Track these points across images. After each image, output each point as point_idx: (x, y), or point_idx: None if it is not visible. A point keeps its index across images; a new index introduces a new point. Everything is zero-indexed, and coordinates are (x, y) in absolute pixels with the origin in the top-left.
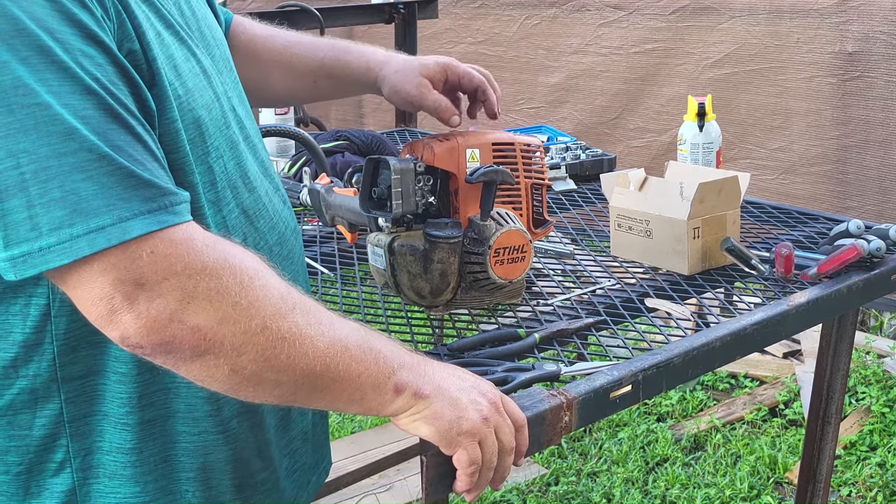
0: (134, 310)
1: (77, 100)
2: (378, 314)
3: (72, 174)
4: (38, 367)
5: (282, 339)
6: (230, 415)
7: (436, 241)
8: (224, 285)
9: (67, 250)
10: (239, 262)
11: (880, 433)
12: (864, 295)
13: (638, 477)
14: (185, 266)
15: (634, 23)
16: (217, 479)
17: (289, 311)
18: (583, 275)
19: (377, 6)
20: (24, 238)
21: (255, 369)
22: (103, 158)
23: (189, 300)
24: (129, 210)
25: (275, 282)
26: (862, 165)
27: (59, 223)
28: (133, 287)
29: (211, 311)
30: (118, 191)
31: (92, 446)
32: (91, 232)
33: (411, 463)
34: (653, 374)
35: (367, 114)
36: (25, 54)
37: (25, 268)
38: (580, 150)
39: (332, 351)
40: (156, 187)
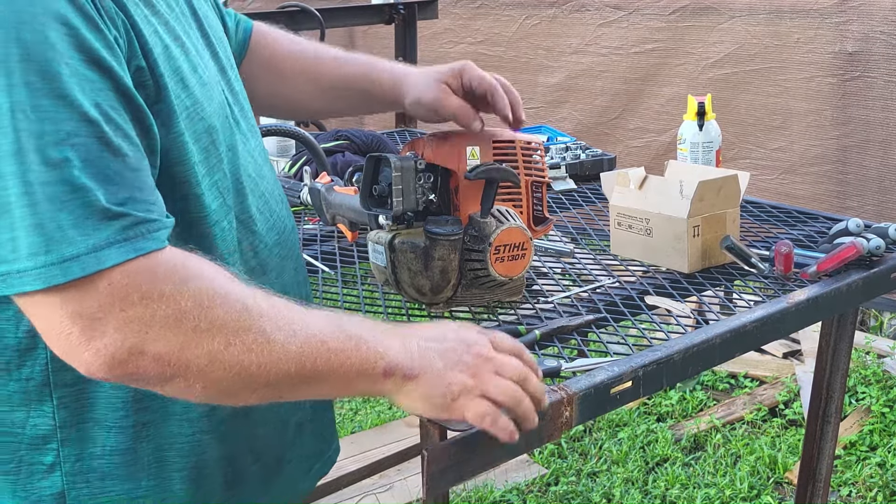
0: (91, 346)
1: (73, 126)
2: (379, 312)
3: (53, 202)
4: (31, 371)
5: (248, 351)
6: (224, 416)
7: (436, 239)
8: (182, 310)
9: (42, 276)
10: (199, 284)
11: (880, 433)
12: (864, 293)
13: (638, 477)
14: (142, 296)
15: (634, 23)
16: (208, 476)
17: (253, 321)
18: (583, 273)
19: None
20: (4, 259)
21: (228, 384)
22: (81, 189)
23: (147, 330)
24: (105, 240)
25: (237, 294)
26: (862, 165)
27: (37, 249)
28: (89, 321)
29: (171, 337)
30: (93, 221)
31: (83, 452)
32: (66, 260)
33: (411, 463)
34: (653, 371)
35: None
36: (30, 79)
37: (4, 287)
38: (580, 149)
39: (308, 350)
40: (131, 217)
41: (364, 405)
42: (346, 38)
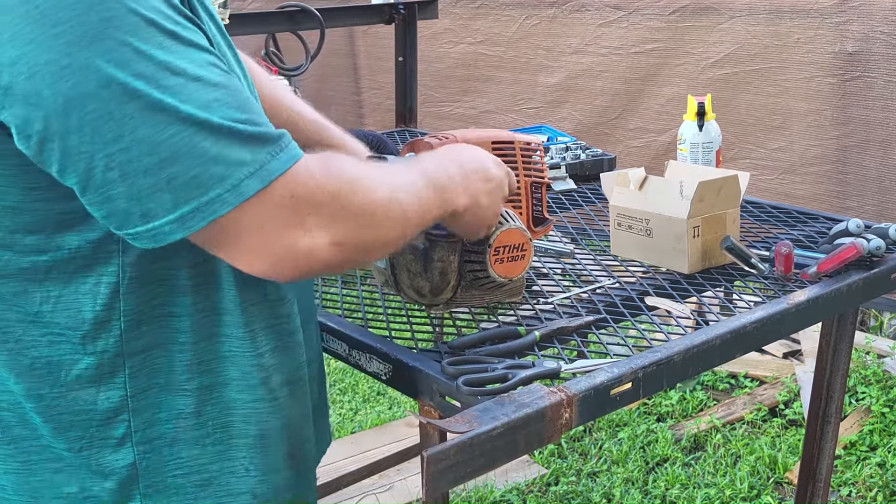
0: (298, 251)
1: (209, 71)
2: (379, 313)
3: (219, 137)
4: (106, 344)
5: (394, 214)
6: (278, 383)
7: (436, 240)
8: (349, 199)
9: (229, 198)
10: (344, 172)
11: (880, 433)
12: (864, 294)
13: (638, 477)
14: (314, 195)
15: (634, 23)
16: (272, 446)
17: (392, 190)
18: (583, 274)
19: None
20: (189, 197)
21: (391, 239)
22: (236, 122)
23: (334, 223)
24: (267, 155)
25: (373, 172)
26: (862, 165)
27: (220, 176)
28: (286, 229)
29: (351, 221)
30: (252, 143)
31: (152, 418)
32: (246, 178)
33: (411, 463)
34: (653, 372)
35: (367, 114)
36: (160, 39)
37: (193, 222)
38: (580, 150)
39: (421, 205)
40: (272, 133)
41: (364, 405)
42: (347, 37)
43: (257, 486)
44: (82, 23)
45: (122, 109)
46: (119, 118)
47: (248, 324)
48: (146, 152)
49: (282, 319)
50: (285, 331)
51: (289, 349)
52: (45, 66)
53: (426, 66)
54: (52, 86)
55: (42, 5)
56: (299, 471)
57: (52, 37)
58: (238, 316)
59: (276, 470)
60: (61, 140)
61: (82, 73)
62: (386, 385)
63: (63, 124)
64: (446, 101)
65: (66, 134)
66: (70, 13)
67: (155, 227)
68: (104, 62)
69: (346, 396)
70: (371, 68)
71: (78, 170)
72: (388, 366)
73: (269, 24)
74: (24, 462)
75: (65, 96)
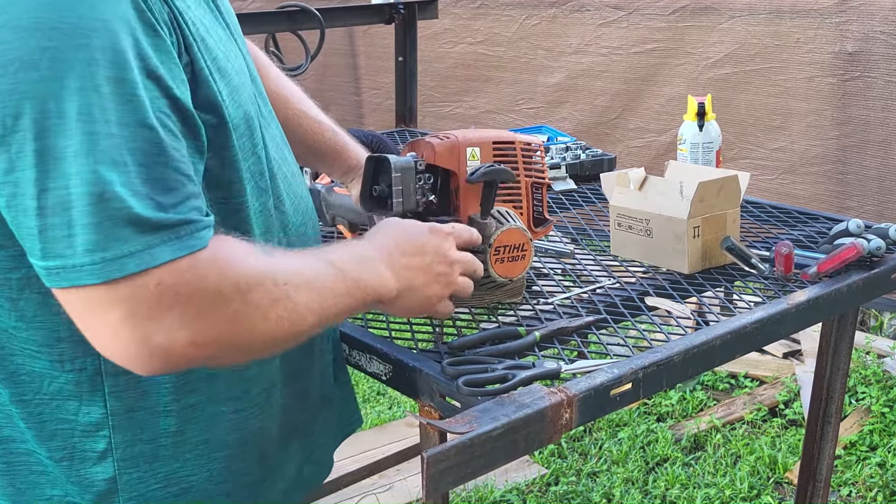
0: (147, 345)
1: (133, 132)
2: (378, 313)
3: (111, 203)
4: (84, 362)
5: (281, 319)
6: (258, 391)
7: None
8: (226, 299)
9: (98, 272)
10: (235, 270)
11: (880, 433)
12: (864, 294)
13: (638, 477)
14: (190, 292)
15: (634, 23)
16: (247, 450)
17: (281, 291)
18: (583, 274)
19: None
20: (60, 254)
21: (270, 346)
22: (137, 194)
23: (197, 322)
24: (158, 239)
25: (266, 270)
26: (862, 165)
27: (94, 246)
28: (142, 321)
29: (220, 324)
30: (147, 223)
31: (134, 438)
32: (122, 257)
33: (411, 463)
34: (653, 372)
35: (367, 114)
36: (98, 83)
37: (58, 280)
38: (580, 150)
39: (323, 303)
40: (180, 218)
41: (364, 405)
42: (347, 37)
43: (233, 489)
44: (20, 47)
45: (19, 144)
46: (14, 151)
47: None
48: (28, 195)
49: None
50: None
51: (263, 360)
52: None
53: (426, 66)
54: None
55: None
56: (268, 466)
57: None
58: None
59: (249, 473)
60: None
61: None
62: (386, 385)
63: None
64: (446, 101)
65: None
66: (12, 35)
67: (37, 266)
68: (26, 92)
69: None
70: (371, 68)
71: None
72: (388, 366)
73: (269, 24)
74: (9, 463)
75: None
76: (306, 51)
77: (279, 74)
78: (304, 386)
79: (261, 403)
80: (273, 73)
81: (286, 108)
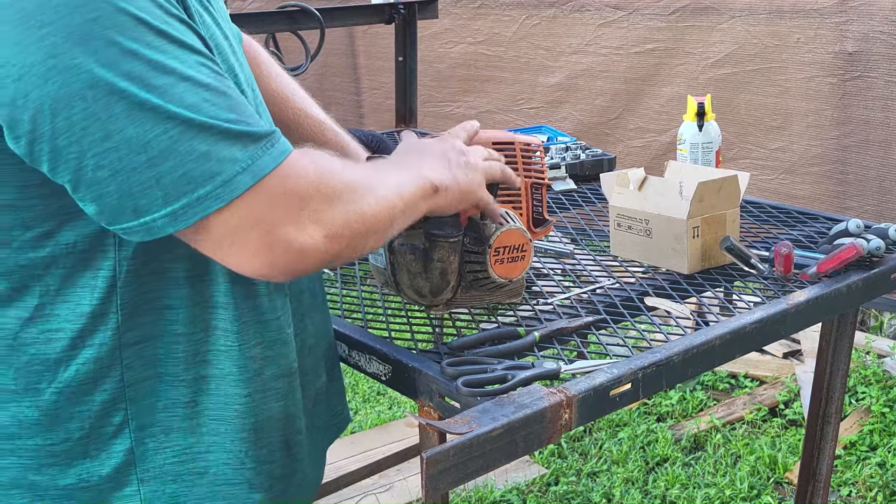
0: (290, 249)
1: (198, 71)
2: (378, 314)
3: (208, 135)
4: (104, 336)
5: (378, 204)
6: (272, 376)
7: (436, 240)
8: (337, 192)
9: (220, 195)
10: (330, 167)
11: (880, 433)
12: (864, 294)
13: (638, 477)
14: (305, 191)
15: (634, 23)
16: (267, 437)
17: (372, 183)
18: (582, 274)
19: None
20: (182, 192)
21: (378, 231)
22: (228, 120)
23: (323, 217)
24: (258, 152)
25: (356, 169)
26: (862, 165)
27: (211, 174)
28: (276, 227)
29: (340, 214)
30: (242, 141)
31: (149, 406)
32: (237, 174)
33: (411, 463)
34: (652, 373)
35: (367, 114)
36: (148, 39)
37: (186, 218)
38: (580, 150)
39: (400, 191)
40: (262, 131)
41: (364, 405)
42: (347, 37)
43: (254, 476)
44: (68, 24)
45: (109, 110)
46: (106, 118)
47: (240, 317)
48: (135, 151)
49: (278, 313)
50: (279, 324)
51: (283, 342)
52: (31, 68)
53: (426, 66)
54: (40, 87)
55: (28, 7)
56: (295, 458)
57: (38, 38)
58: (231, 310)
59: (272, 461)
60: (50, 141)
61: (68, 74)
62: (385, 386)
63: (51, 125)
64: (446, 101)
65: (55, 135)
66: (55, 15)
67: (147, 221)
68: (90, 63)
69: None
70: (371, 68)
71: (69, 169)
72: (388, 367)
73: (269, 24)
74: (19, 458)
75: (52, 97)
76: (306, 51)
77: (281, 73)
78: (310, 380)
79: (279, 389)
80: (275, 71)
81: (287, 106)
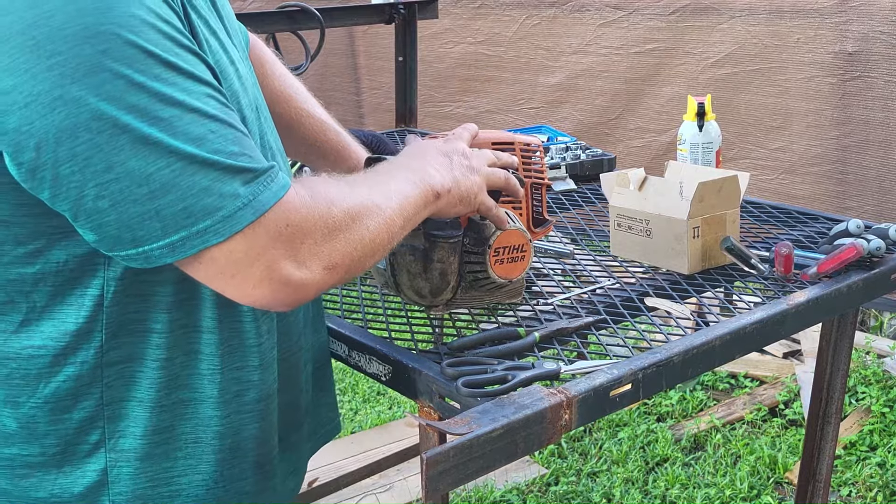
0: (290, 283)
1: (204, 103)
2: (378, 314)
3: (209, 170)
4: (87, 355)
5: (380, 227)
6: (253, 399)
7: (436, 241)
8: (336, 224)
9: (221, 229)
10: (328, 198)
11: (880, 433)
12: (864, 294)
13: (638, 477)
14: (302, 226)
15: (634, 23)
16: (241, 457)
17: (373, 203)
18: (582, 274)
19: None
20: (181, 225)
21: (379, 252)
22: (230, 154)
23: (322, 250)
24: (258, 188)
25: (354, 192)
26: (862, 165)
27: (212, 208)
28: (274, 262)
29: (339, 246)
30: (242, 177)
31: (125, 430)
32: (238, 210)
33: (411, 463)
34: (653, 373)
35: (367, 114)
36: (156, 72)
37: (184, 250)
38: (580, 150)
39: (402, 206)
40: (262, 166)
41: (364, 405)
42: (346, 37)
43: (223, 495)
44: (77, 55)
45: (113, 142)
46: (109, 150)
47: (224, 342)
48: (136, 183)
49: (262, 337)
50: (262, 349)
51: (266, 366)
52: (38, 97)
53: (426, 66)
54: (45, 116)
55: (39, 37)
56: (267, 475)
57: (47, 68)
58: (216, 334)
59: (244, 478)
60: (53, 169)
61: (74, 105)
62: (385, 386)
63: (54, 154)
64: (446, 101)
65: (57, 163)
66: (65, 45)
67: (145, 250)
68: (95, 96)
69: (346, 396)
70: (371, 68)
71: (69, 198)
72: (388, 367)
73: (269, 24)
74: None
75: (57, 127)
76: (306, 51)
77: (284, 72)
78: (295, 397)
79: (258, 411)
80: (278, 70)
81: (289, 106)
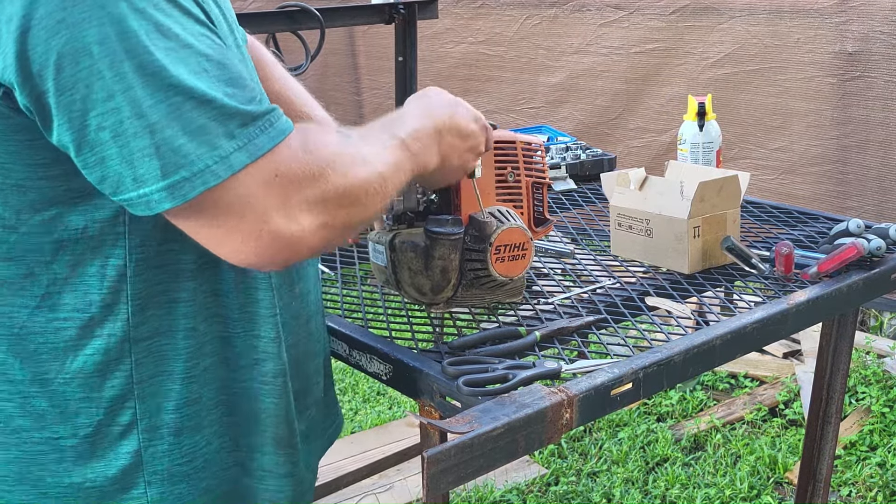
0: (287, 233)
1: (199, 39)
2: (379, 313)
3: (212, 104)
4: (113, 328)
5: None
6: (272, 369)
7: (437, 238)
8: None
9: (218, 170)
10: (324, 146)
11: (880, 433)
12: (865, 294)
13: (638, 477)
14: (299, 175)
15: (635, 23)
16: (262, 429)
17: (371, 168)
18: (583, 274)
19: (377, 6)
20: (180, 165)
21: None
22: (227, 94)
23: (322, 202)
24: (255, 131)
25: (348, 143)
26: (862, 165)
27: (209, 148)
28: (272, 211)
29: (340, 197)
30: (239, 119)
31: (159, 406)
32: (234, 151)
33: (411, 463)
34: (653, 372)
35: (367, 114)
36: (156, 1)
37: (182, 192)
38: (580, 150)
39: (396, 176)
40: (262, 109)
41: (364, 405)
42: (347, 37)
43: (248, 461)
44: None
45: (114, 68)
46: (110, 77)
47: (243, 307)
48: (135, 114)
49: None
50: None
51: (280, 342)
52: (39, 22)
53: (426, 66)
54: (47, 41)
55: None
56: (287, 457)
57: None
58: (235, 298)
59: (265, 452)
60: (56, 96)
61: (76, 29)
62: (386, 385)
63: (56, 80)
64: None
65: (60, 90)
66: None
67: (146, 193)
68: (97, 18)
69: (346, 396)
70: (371, 68)
71: (72, 127)
72: (389, 366)
73: (269, 24)
74: (25, 451)
75: (58, 52)
76: (306, 51)
77: (284, 74)
78: (306, 386)
79: (276, 386)
80: (278, 72)
81: (290, 109)
